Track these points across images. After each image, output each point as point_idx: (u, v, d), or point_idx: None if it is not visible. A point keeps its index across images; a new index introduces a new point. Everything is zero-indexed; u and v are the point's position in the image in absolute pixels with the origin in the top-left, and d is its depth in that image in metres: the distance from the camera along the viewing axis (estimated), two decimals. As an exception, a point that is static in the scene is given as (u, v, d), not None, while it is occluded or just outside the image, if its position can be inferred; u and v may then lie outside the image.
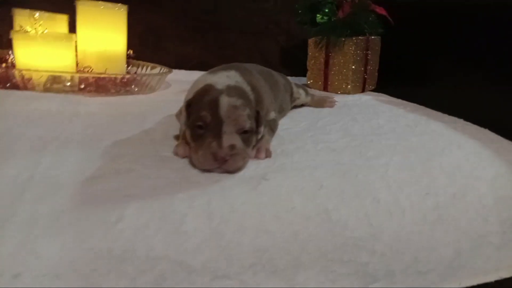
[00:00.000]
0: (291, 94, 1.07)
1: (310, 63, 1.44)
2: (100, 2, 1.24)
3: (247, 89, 0.74)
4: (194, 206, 0.55)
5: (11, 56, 1.13)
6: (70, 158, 0.66)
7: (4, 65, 1.08)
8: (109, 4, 1.25)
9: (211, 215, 0.54)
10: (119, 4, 1.25)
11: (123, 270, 0.49)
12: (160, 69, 1.37)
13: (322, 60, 1.38)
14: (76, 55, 1.24)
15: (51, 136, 0.76)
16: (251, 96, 0.73)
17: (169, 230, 0.52)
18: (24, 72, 1.01)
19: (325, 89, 1.41)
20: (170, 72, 1.30)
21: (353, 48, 1.32)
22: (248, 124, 0.64)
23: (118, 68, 1.29)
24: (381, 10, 1.31)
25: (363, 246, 0.58)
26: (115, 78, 1.12)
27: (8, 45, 1.21)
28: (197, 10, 1.60)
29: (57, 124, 0.84)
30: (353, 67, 1.34)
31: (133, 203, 0.54)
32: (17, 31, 1.05)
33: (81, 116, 0.91)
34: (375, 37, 1.39)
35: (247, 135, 0.65)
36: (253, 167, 0.66)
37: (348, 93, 1.36)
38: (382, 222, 0.60)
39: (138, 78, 1.17)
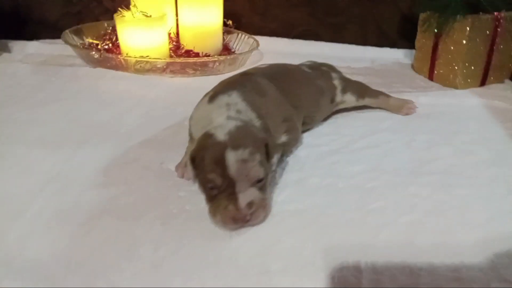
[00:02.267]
0: (333, 99, 0.91)
1: (418, 43, 1.19)
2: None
3: (252, 116, 0.68)
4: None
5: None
6: (100, 155, 0.78)
7: (109, 43, 1.27)
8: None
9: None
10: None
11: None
12: (252, 43, 1.36)
13: (431, 43, 1.13)
14: (177, 31, 1.36)
15: (105, 126, 0.90)
16: (257, 123, 0.68)
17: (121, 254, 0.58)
18: (120, 57, 1.19)
19: (430, 77, 1.16)
20: (251, 52, 1.31)
21: (468, 31, 1.02)
22: (262, 172, 0.60)
23: (215, 42, 1.34)
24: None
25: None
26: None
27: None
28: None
29: (122, 110, 0.97)
30: (466, 56, 1.05)
31: (103, 220, 0.63)
32: (117, 15, 1.20)
33: (144, 103, 1.02)
34: (514, 13, 1.04)
35: (262, 182, 0.61)
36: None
37: (456, 87, 1.10)
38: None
39: (218, 61, 1.22)
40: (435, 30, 1.10)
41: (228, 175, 0.58)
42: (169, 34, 1.35)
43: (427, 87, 1.13)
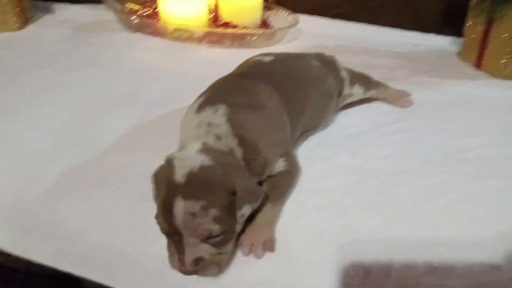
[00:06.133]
0: (340, 93, 0.82)
1: (467, 29, 1.12)
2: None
3: (233, 143, 0.58)
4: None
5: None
6: (123, 122, 0.78)
7: (149, 9, 1.27)
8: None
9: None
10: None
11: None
12: (291, 20, 1.32)
13: (482, 29, 1.05)
14: (216, 4, 1.34)
15: (129, 95, 0.89)
16: (238, 153, 0.58)
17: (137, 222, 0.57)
18: (160, 23, 1.19)
19: (478, 65, 1.09)
20: (290, 28, 1.28)
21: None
22: (216, 229, 0.51)
23: (253, 17, 1.31)
24: None
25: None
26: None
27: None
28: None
29: (149, 80, 0.96)
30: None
31: (124, 185, 0.62)
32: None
33: (173, 73, 1.01)
34: None
35: (219, 238, 0.51)
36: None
37: (505, 78, 1.02)
38: None
39: (256, 35, 1.21)
40: (487, 16, 1.03)
41: (174, 225, 0.51)
42: (208, 6, 1.34)
43: (474, 76, 1.06)
